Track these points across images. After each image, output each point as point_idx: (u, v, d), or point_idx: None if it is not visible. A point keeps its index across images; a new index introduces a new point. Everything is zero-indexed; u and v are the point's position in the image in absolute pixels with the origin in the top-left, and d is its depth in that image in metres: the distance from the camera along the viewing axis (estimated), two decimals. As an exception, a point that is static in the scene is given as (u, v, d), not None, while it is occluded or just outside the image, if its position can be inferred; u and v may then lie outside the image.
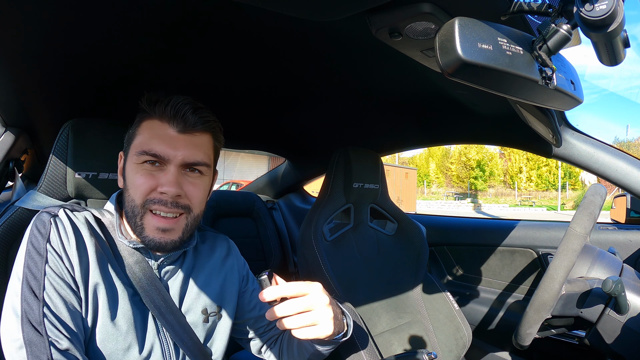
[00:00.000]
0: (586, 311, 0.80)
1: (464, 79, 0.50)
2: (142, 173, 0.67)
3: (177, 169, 0.67)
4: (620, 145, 31.90)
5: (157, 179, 0.66)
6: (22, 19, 0.65)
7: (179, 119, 0.68)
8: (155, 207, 0.66)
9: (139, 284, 0.68)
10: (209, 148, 0.73)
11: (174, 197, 0.66)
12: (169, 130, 0.68)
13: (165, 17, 0.69)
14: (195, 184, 0.70)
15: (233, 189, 2.50)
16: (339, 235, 1.29)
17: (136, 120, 0.72)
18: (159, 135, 0.67)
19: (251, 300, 0.87)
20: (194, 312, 0.75)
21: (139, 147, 0.67)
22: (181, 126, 0.68)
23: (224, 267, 0.83)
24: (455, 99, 1.06)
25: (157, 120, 0.68)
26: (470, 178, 39.61)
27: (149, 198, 0.66)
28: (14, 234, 0.82)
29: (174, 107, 0.67)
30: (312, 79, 1.01)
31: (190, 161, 0.68)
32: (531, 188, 37.54)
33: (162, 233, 0.67)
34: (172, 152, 0.67)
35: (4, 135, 1.06)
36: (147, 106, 0.69)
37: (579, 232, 0.77)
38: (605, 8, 0.41)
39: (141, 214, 0.67)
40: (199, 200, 0.71)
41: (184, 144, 0.68)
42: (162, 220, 0.67)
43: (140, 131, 0.70)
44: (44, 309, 0.57)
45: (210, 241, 0.85)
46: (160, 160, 0.67)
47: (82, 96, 1.01)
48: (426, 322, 1.32)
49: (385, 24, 0.60)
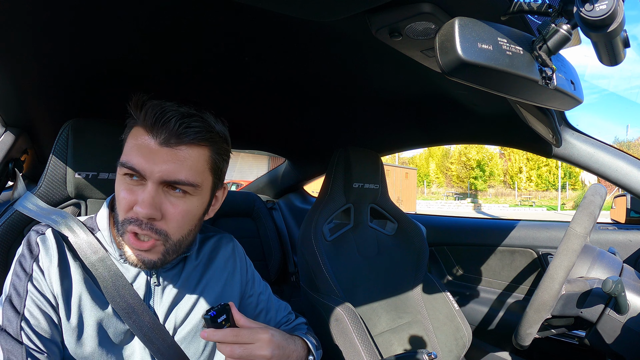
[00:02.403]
0: (586, 311, 0.80)
1: (464, 79, 0.50)
2: (124, 187, 0.61)
3: (154, 187, 0.59)
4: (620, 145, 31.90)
5: (136, 196, 0.60)
6: (22, 19, 0.65)
7: (163, 129, 0.58)
8: (131, 227, 0.60)
9: (120, 305, 0.64)
10: (199, 163, 0.62)
11: (147, 219, 0.59)
12: (149, 142, 0.59)
13: (166, 17, 0.69)
14: (175, 205, 0.61)
15: (233, 189, 2.50)
16: (339, 235, 1.29)
17: (128, 125, 0.64)
18: (138, 147, 0.59)
19: (258, 304, 0.84)
20: (194, 317, 0.72)
21: (122, 158, 0.61)
22: (163, 137, 0.58)
23: (226, 270, 0.80)
24: (455, 99, 1.06)
25: (141, 129, 0.60)
26: (470, 178, 39.61)
27: (127, 217, 0.60)
28: (13, 236, 0.82)
29: (155, 114, 0.58)
30: (312, 79, 1.01)
31: (170, 179, 0.59)
32: (531, 188, 37.55)
33: (140, 252, 0.62)
34: (149, 167, 0.58)
35: (4, 135, 1.06)
36: (134, 111, 0.61)
37: (579, 232, 0.77)
38: (605, 8, 0.41)
39: (122, 230, 0.61)
40: (178, 224, 0.62)
41: (164, 159, 0.58)
42: (136, 242, 0.60)
43: (127, 138, 0.63)
44: (22, 322, 0.58)
45: (213, 243, 0.81)
46: (139, 175, 0.59)
47: (82, 96, 1.01)
48: (426, 322, 1.32)
49: (385, 24, 0.60)
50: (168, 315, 0.70)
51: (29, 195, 0.83)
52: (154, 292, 0.70)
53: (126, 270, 0.68)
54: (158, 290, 0.70)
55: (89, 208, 0.88)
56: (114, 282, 0.64)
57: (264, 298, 0.87)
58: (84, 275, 0.65)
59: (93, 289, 0.65)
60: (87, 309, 0.63)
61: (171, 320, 0.70)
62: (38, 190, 0.84)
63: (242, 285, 0.83)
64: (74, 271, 0.64)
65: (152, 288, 0.69)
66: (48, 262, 0.62)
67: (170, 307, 0.70)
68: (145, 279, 0.69)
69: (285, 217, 2.16)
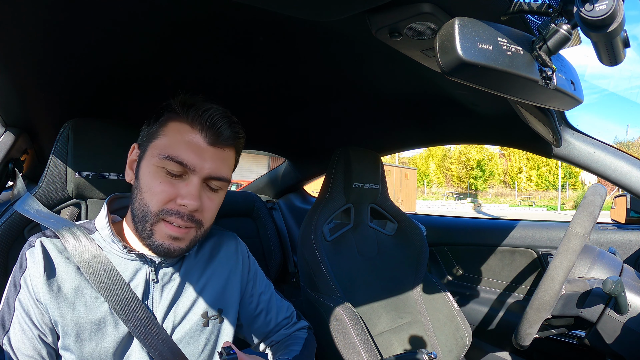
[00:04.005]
0: (586, 311, 0.80)
1: (464, 79, 0.50)
2: (162, 179, 0.64)
3: (199, 181, 0.65)
4: (620, 145, 31.91)
5: (177, 189, 0.64)
6: (22, 19, 0.65)
7: (214, 130, 0.65)
8: (172, 218, 0.64)
9: (115, 301, 0.64)
10: (232, 162, 0.71)
11: (192, 211, 0.64)
12: (199, 140, 0.64)
13: (166, 17, 0.69)
14: (212, 199, 0.68)
15: (233, 189, 2.50)
16: (339, 235, 1.29)
17: (162, 119, 0.67)
18: (187, 143, 0.64)
19: (258, 304, 0.85)
20: (193, 315, 0.72)
21: (164, 150, 0.64)
22: (213, 138, 0.65)
23: (227, 268, 0.79)
24: (455, 99, 1.06)
25: (188, 126, 0.65)
26: (470, 178, 39.62)
27: (166, 208, 0.64)
28: (13, 236, 0.82)
29: (211, 118, 0.64)
30: (312, 79, 1.01)
31: (216, 175, 0.66)
32: (531, 188, 37.55)
33: (173, 240, 0.65)
34: (200, 163, 0.64)
35: (4, 135, 1.06)
36: (180, 108, 0.65)
37: (579, 232, 0.77)
38: (605, 8, 0.41)
39: (153, 220, 0.64)
40: (211, 215, 0.69)
41: (211, 157, 0.65)
42: (175, 229, 0.65)
43: (165, 132, 0.65)
44: (4, 338, 0.62)
45: (214, 240, 0.81)
46: (184, 169, 0.64)
47: (82, 96, 1.01)
48: (426, 322, 1.32)
49: (385, 24, 0.60)
50: (167, 314, 0.70)
51: (29, 196, 0.83)
52: (152, 290, 0.69)
53: (125, 267, 0.68)
54: (157, 288, 0.70)
55: (89, 208, 0.88)
56: (109, 279, 0.65)
57: (265, 298, 0.87)
58: (77, 277, 0.65)
59: (88, 290, 0.65)
60: (82, 310, 0.64)
61: (170, 318, 0.70)
62: (38, 190, 0.84)
63: (242, 285, 0.82)
64: (66, 275, 0.64)
65: (151, 286, 0.69)
66: (35, 273, 0.63)
67: (170, 306, 0.70)
68: (144, 277, 0.69)
69: (285, 217, 2.17)
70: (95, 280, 0.64)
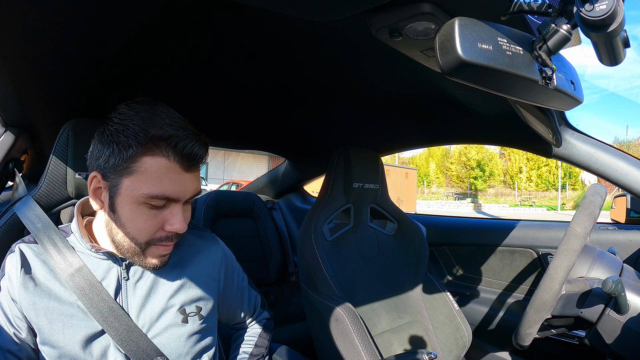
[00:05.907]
0: (586, 311, 0.80)
1: (464, 79, 0.50)
2: (147, 215, 0.64)
3: (182, 205, 0.67)
4: (620, 145, 31.90)
5: (163, 217, 0.66)
6: (22, 19, 0.65)
7: (190, 157, 0.64)
8: (163, 242, 0.67)
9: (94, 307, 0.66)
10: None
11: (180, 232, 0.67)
12: (178, 170, 0.64)
13: (166, 17, 0.69)
14: (188, 210, 0.71)
15: (233, 189, 2.50)
16: (339, 235, 1.29)
17: (130, 154, 0.61)
18: (170, 178, 0.63)
19: (235, 297, 0.88)
20: (170, 312, 0.71)
21: (147, 190, 0.62)
22: (190, 164, 0.65)
23: (202, 263, 0.79)
24: (455, 99, 1.06)
25: (164, 159, 0.62)
26: (470, 178, 39.60)
27: (155, 237, 0.66)
28: (13, 236, 0.82)
29: (185, 145, 0.62)
30: (312, 79, 1.01)
31: (196, 195, 0.68)
32: (531, 188, 37.53)
33: (164, 257, 0.70)
34: (183, 191, 0.65)
35: (4, 135, 1.06)
36: (151, 142, 0.61)
37: (579, 232, 0.77)
38: (605, 8, 0.41)
39: (143, 247, 0.67)
40: (187, 225, 0.71)
41: (191, 181, 0.66)
42: (166, 248, 0.69)
43: (140, 168, 0.61)
44: None
45: (188, 237, 0.81)
46: (168, 200, 0.65)
47: (83, 96, 1.01)
48: (426, 322, 1.32)
49: (385, 24, 0.60)
50: (141, 310, 0.70)
51: (29, 199, 0.83)
52: (125, 287, 0.70)
53: (97, 266, 0.69)
54: (129, 285, 0.70)
55: (89, 208, 0.88)
56: (89, 289, 0.66)
57: (240, 292, 0.91)
58: (52, 277, 0.67)
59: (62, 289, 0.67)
60: (56, 305, 0.65)
61: (146, 314, 0.70)
62: (38, 191, 0.84)
63: (218, 281, 0.83)
64: (42, 276, 0.66)
65: (123, 283, 0.70)
66: (13, 274, 0.66)
67: (143, 301, 0.70)
68: (115, 275, 0.70)
69: (285, 217, 2.17)
70: (80, 295, 0.66)
